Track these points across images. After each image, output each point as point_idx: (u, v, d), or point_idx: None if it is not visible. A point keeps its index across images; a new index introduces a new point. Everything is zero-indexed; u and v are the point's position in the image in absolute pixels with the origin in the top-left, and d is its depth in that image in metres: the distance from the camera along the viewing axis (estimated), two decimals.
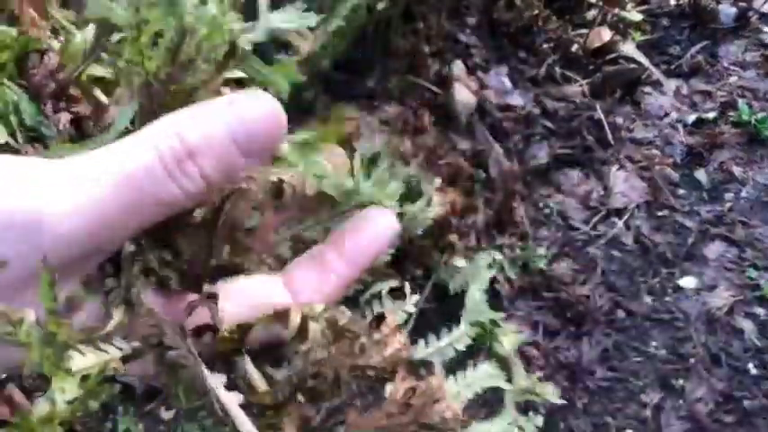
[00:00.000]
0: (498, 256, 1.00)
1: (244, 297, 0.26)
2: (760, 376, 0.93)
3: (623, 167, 1.16)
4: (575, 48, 1.32)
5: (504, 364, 0.33)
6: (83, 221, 0.21)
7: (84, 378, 0.21)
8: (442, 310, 0.96)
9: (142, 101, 0.24)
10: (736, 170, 1.18)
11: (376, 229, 0.28)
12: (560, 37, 1.33)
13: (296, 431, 0.24)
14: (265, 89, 0.24)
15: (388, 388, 0.26)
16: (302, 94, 1.16)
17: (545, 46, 1.33)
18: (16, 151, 0.42)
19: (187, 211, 0.24)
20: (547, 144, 1.17)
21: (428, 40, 1.17)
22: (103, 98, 0.47)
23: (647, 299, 1.00)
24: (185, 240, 0.25)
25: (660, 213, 1.12)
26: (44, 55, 0.46)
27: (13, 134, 0.43)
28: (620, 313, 0.98)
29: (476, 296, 0.36)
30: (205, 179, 0.23)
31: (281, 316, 0.24)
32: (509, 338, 0.35)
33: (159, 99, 0.24)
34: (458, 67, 1.19)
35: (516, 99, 1.21)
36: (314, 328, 0.24)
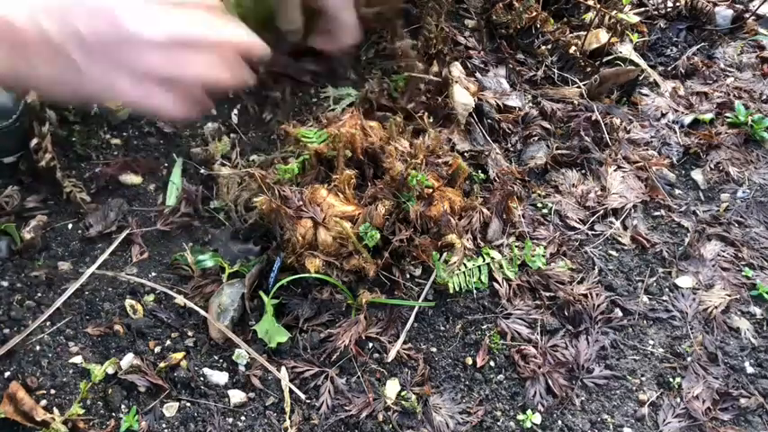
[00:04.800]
0: (497, 256, 1.01)
1: None
2: (756, 374, 0.94)
3: (620, 168, 1.16)
4: (572, 50, 1.33)
5: None
6: None
7: None
8: (442, 309, 0.96)
9: None
10: (733, 170, 1.19)
11: None
12: (558, 39, 1.34)
13: None
14: None
15: None
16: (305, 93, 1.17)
17: (543, 48, 1.33)
18: None
19: None
20: (545, 144, 1.18)
21: (427, 42, 1.18)
22: None
23: (645, 298, 1.01)
24: None
25: (657, 213, 1.12)
26: None
27: None
28: (618, 312, 0.99)
29: None
30: None
31: None
32: None
33: None
34: (457, 69, 1.20)
35: (514, 100, 1.22)
36: None
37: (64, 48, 0.59)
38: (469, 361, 0.92)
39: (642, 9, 1.49)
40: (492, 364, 0.92)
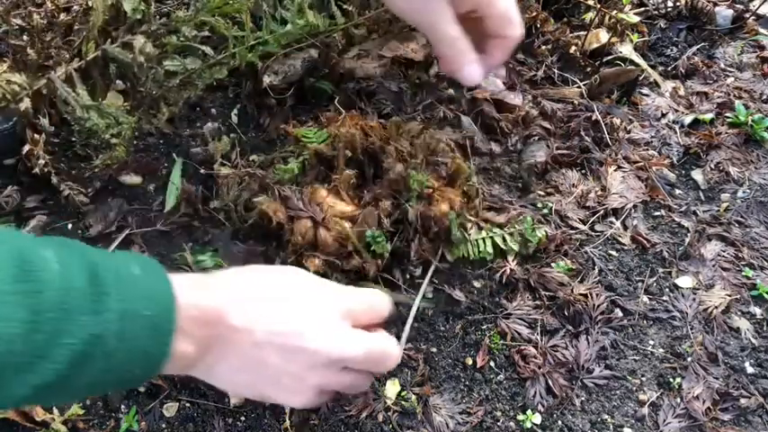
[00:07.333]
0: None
1: None
2: (756, 374, 0.94)
3: (621, 168, 1.16)
4: (573, 49, 1.33)
5: None
6: None
7: None
8: (442, 310, 0.96)
9: None
10: (733, 170, 1.19)
11: None
12: (558, 39, 1.34)
13: None
14: None
15: None
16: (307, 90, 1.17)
17: (543, 48, 1.33)
18: None
19: None
20: (545, 144, 1.18)
21: (427, 43, 1.18)
22: None
23: (645, 298, 1.01)
24: None
25: (657, 213, 1.12)
26: None
27: None
28: (618, 312, 0.99)
29: None
30: None
31: None
32: None
33: None
34: None
35: (515, 100, 1.22)
36: None
37: (262, 350, 0.55)
38: (469, 361, 0.92)
39: (642, 9, 1.49)
40: (492, 364, 0.92)
